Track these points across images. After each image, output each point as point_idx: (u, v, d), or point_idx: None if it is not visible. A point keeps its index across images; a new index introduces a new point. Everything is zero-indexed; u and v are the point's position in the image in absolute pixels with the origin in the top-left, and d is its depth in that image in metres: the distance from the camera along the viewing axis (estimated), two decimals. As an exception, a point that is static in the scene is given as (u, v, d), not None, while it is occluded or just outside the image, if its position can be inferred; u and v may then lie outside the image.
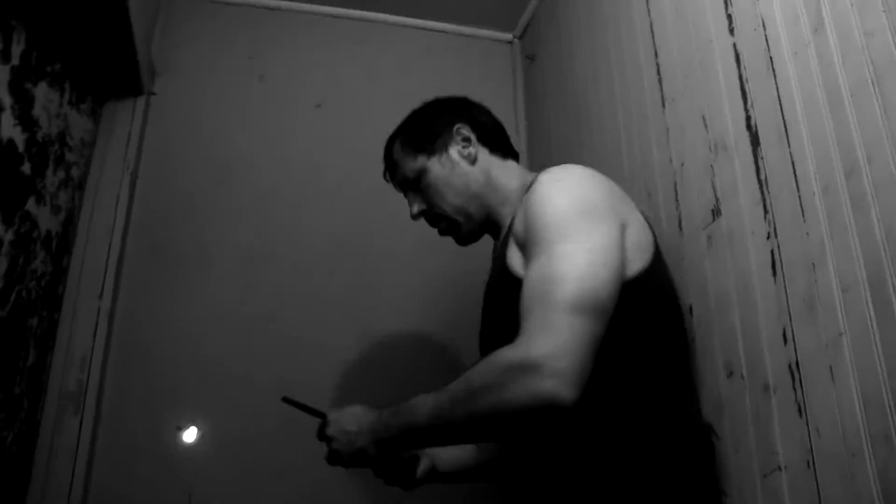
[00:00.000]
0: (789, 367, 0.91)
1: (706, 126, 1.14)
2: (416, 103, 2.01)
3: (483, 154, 1.18)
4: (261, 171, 1.85)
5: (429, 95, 1.28)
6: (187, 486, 1.52)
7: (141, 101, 1.77)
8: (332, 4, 2.05)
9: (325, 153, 1.91)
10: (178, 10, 1.94)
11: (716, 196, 1.10)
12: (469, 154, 1.17)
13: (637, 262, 0.98)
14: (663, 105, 1.28)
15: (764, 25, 1.00)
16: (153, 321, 1.65)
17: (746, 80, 1.04)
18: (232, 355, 1.65)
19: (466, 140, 1.18)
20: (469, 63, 2.12)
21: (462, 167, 1.16)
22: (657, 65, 1.31)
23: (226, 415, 1.62)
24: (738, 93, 1.05)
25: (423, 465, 1.18)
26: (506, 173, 1.18)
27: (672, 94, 1.25)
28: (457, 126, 1.18)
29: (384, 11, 2.09)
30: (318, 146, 1.91)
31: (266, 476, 1.57)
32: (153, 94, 1.82)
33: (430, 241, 1.95)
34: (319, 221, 1.84)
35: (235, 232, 1.77)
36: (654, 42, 1.33)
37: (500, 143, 1.22)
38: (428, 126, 1.20)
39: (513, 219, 1.06)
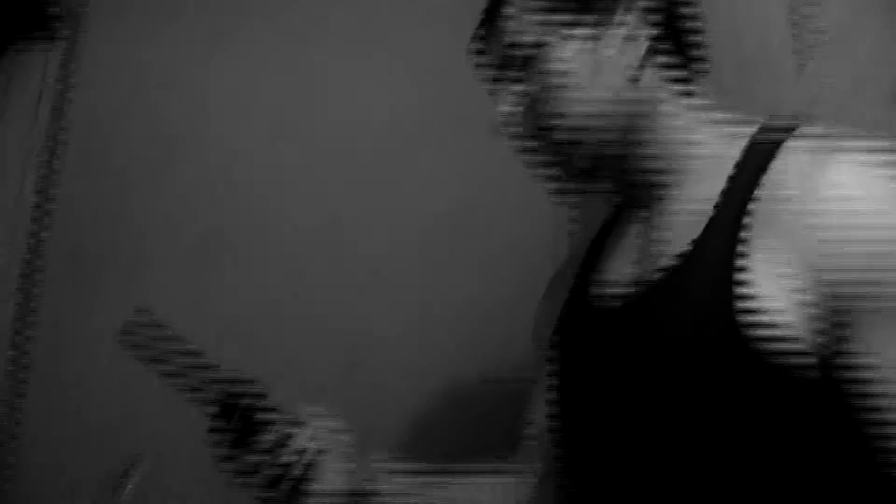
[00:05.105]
0: None
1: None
2: (441, 36, 1.59)
3: (652, 74, 0.70)
4: (224, 137, 1.43)
5: (457, 22, 0.87)
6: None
7: (59, 45, 1.35)
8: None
9: (308, 111, 1.48)
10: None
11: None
12: (629, 63, 0.69)
13: None
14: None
15: None
16: (71, 342, 1.27)
17: None
18: (178, 385, 1.28)
19: (633, 37, 0.69)
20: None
21: (611, 75, 0.69)
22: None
23: (169, 465, 1.25)
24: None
25: (326, 480, 0.82)
26: (687, 114, 0.70)
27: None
28: (628, 6, 0.69)
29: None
30: (297, 102, 1.48)
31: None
32: (78, 36, 1.40)
33: (446, 232, 1.54)
34: (299, 207, 1.43)
35: (186, 222, 1.37)
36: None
37: (687, 71, 0.73)
38: None
39: (734, 231, 0.60)
